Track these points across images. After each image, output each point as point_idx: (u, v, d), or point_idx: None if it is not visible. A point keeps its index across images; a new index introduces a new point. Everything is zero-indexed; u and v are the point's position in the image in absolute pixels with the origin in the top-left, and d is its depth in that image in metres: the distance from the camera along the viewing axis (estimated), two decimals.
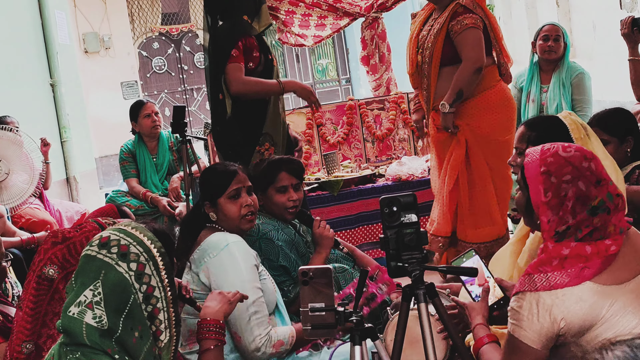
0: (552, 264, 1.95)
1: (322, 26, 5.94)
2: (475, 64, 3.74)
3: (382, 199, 2.01)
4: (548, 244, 1.98)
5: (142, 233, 1.78)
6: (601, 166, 1.98)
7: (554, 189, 1.95)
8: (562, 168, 1.95)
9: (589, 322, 1.92)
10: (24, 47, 7.15)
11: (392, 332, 2.33)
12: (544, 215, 1.97)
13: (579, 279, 1.92)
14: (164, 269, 1.77)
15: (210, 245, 2.65)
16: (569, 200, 1.94)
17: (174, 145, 5.43)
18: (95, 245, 1.74)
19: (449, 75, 3.86)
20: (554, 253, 1.96)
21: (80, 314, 1.67)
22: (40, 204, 5.00)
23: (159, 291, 1.74)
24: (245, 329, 2.52)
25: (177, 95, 14.00)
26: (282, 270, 3.11)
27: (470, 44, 3.76)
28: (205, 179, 2.91)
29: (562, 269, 1.94)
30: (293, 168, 3.27)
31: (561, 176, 1.94)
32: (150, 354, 1.71)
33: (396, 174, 4.98)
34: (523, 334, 1.96)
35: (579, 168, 1.94)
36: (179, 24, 14.05)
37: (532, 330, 1.95)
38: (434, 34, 3.84)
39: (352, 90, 14.53)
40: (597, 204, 1.93)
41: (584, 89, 4.71)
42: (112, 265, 1.71)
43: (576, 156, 1.96)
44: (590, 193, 1.93)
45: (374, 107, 5.61)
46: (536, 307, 1.94)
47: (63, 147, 7.61)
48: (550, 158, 1.97)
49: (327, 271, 1.95)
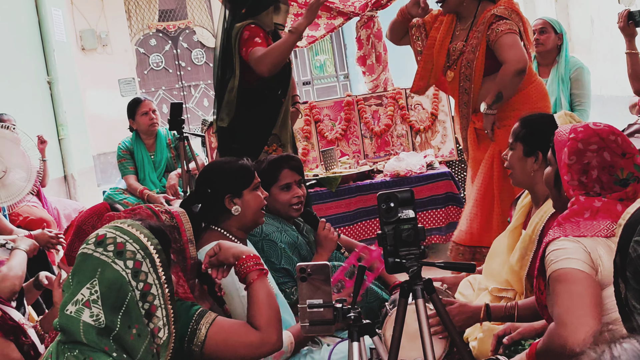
0: (584, 215, 1.98)
1: (316, 26, 5.91)
2: (516, 65, 3.65)
3: (380, 194, 2.00)
4: (579, 197, 2.01)
5: (139, 230, 1.77)
6: (629, 142, 2.04)
7: (578, 154, 2.02)
8: (589, 137, 2.03)
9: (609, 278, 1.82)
10: (20, 44, 7.13)
11: (390, 327, 2.32)
12: (566, 175, 2.04)
13: (608, 233, 1.93)
14: (161, 266, 1.76)
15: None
16: (593, 169, 2.01)
17: (171, 143, 5.43)
18: (91, 243, 1.73)
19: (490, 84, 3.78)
20: (586, 204, 1.99)
21: (77, 312, 1.66)
22: (38, 201, 4.99)
23: (156, 288, 1.74)
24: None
25: (175, 92, 13.98)
26: (284, 272, 3.10)
27: (510, 46, 3.68)
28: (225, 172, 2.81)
29: (593, 220, 1.96)
30: (294, 165, 3.27)
31: (588, 144, 2.02)
32: (148, 352, 1.70)
33: (394, 170, 4.97)
34: (572, 262, 1.90)
35: (605, 140, 2.02)
36: (176, 21, 14.02)
37: (578, 257, 1.91)
38: (472, 49, 3.78)
39: (350, 86, 14.51)
40: (626, 176, 1.99)
41: (582, 84, 4.70)
42: (108, 263, 1.70)
43: (605, 130, 2.04)
44: (616, 164, 1.99)
45: (371, 103, 5.60)
46: (576, 244, 1.93)
47: (60, 145, 7.60)
48: (581, 128, 2.06)
49: (325, 267, 1.95)
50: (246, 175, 2.79)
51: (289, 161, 3.26)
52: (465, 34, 3.84)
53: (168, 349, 1.76)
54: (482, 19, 3.76)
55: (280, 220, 3.22)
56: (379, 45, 5.93)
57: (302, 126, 5.48)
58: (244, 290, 2.53)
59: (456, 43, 3.88)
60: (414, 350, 2.26)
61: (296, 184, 3.24)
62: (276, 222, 3.18)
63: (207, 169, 2.94)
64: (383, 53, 5.95)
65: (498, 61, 3.73)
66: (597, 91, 4.61)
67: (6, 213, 4.56)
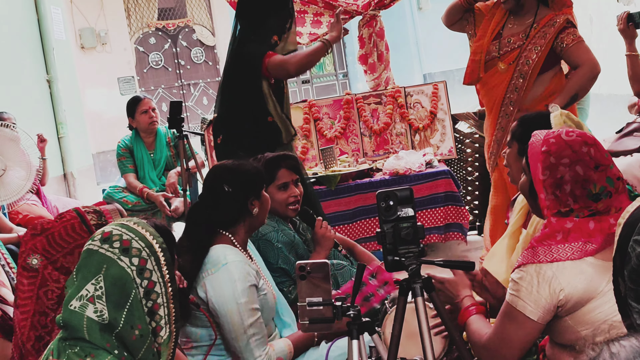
0: (556, 238, 1.99)
1: (318, 23, 5.91)
2: (594, 69, 3.74)
3: (379, 193, 2.01)
4: (551, 219, 2.02)
5: (144, 228, 1.78)
6: (603, 152, 2.02)
7: (551, 169, 2.00)
8: (562, 150, 2.00)
9: (587, 296, 1.95)
10: (20, 43, 7.13)
11: (390, 325, 2.33)
12: (541, 192, 2.03)
13: (581, 254, 1.96)
14: (165, 264, 1.77)
15: (209, 260, 2.60)
16: (566, 183, 1.99)
17: (171, 141, 5.43)
18: (97, 240, 1.74)
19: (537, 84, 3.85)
20: (557, 227, 2.00)
21: (81, 308, 1.67)
22: (38, 200, 5.00)
23: (159, 287, 1.74)
24: (245, 351, 2.51)
25: (174, 90, 13.98)
26: (282, 272, 3.10)
27: (587, 51, 3.79)
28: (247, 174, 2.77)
29: (565, 242, 1.98)
30: (291, 164, 3.25)
31: (560, 158, 2.00)
32: (150, 350, 1.71)
33: (393, 168, 4.97)
34: (521, 304, 1.99)
35: (578, 152, 1.99)
36: (175, 19, 14.02)
37: (532, 301, 1.98)
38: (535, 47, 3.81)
39: (350, 84, 14.52)
40: (598, 191, 1.98)
41: None
42: (114, 260, 1.70)
43: (577, 141, 2.00)
44: (589, 177, 1.98)
45: (371, 101, 5.60)
46: (536, 278, 1.97)
47: (60, 143, 7.60)
48: (553, 139, 2.03)
49: (325, 266, 1.95)
50: (263, 177, 2.80)
51: (286, 160, 3.23)
52: (522, 30, 3.89)
53: (169, 348, 1.76)
54: (546, 21, 3.82)
55: (277, 220, 3.21)
56: (381, 44, 5.93)
57: (302, 124, 5.48)
58: (242, 298, 2.54)
59: (511, 37, 3.92)
60: (413, 348, 2.27)
61: (293, 183, 3.22)
62: (272, 222, 3.16)
63: (223, 171, 2.80)
64: (385, 52, 5.95)
65: (549, 65, 3.82)
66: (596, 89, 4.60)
67: (6, 211, 4.56)
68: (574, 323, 2.02)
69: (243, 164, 2.82)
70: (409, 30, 13.86)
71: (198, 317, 2.62)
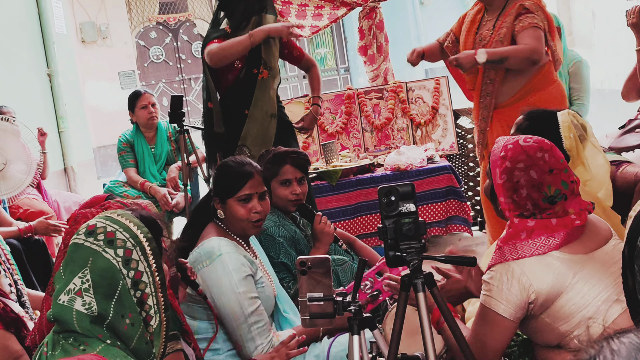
0: (521, 237, 2.06)
1: (319, 16, 5.90)
2: (533, 54, 3.68)
3: (380, 188, 2.00)
4: (514, 220, 2.10)
5: (128, 219, 1.79)
6: (558, 156, 2.11)
7: (507, 173, 2.10)
8: (517, 155, 2.10)
9: (556, 290, 2.01)
10: (20, 37, 7.12)
11: (391, 322, 2.32)
12: (501, 195, 2.12)
13: (546, 248, 2.04)
14: (152, 254, 1.78)
15: (204, 252, 2.62)
16: (522, 187, 2.08)
17: (172, 136, 5.42)
18: (82, 233, 1.75)
19: (514, 77, 3.83)
20: (520, 226, 2.07)
21: (70, 302, 1.69)
22: (38, 194, 4.99)
23: (147, 276, 1.75)
24: (247, 339, 2.51)
25: (175, 84, 13.97)
26: (283, 267, 3.10)
27: (532, 37, 3.72)
28: (218, 175, 2.78)
29: (529, 239, 2.05)
30: (298, 162, 3.24)
31: (515, 163, 2.09)
32: (142, 339, 1.72)
33: (395, 164, 4.97)
34: (494, 303, 2.05)
35: (532, 157, 2.08)
36: (176, 13, 13.99)
37: (503, 299, 2.04)
38: (501, 38, 3.82)
39: (351, 79, 14.50)
40: (553, 193, 2.07)
41: (581, 78, 4.69)
42: (99, 252, 1.72)
43: (533, 147, 2.11)
44: (544, 181, 2.06)
45: (372, 96, 5.59)
46: (506, 276, 2.03)
47: (60, 137, 7.59)
48: (511, 145, 2.13)
49: (325, 261, 1.95)
50: (232, 185, 2.70)
51: (293, 157, 3.23)
52: (493, 23, 3.90)
53: (161, 337, 1.77)
54: (510, 10, 3.81)
55: (278, 215, 3.21)
56: (381, 36, 5.94)
57: None
58: (240, 288, 2.54)
59: (482, 32, 3.94)
60: (414, 345, 2.26)
61: (297, 181, 3.22)
62: (274, 217, 3.17)
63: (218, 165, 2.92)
64: (384, 44, 5.95)
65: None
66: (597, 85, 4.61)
67: (6, 205, 4.55)
68: (551, 320, 2.07)
69: (228, 165, 2.79)
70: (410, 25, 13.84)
71: (197, 309, 2.62)
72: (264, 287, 2.68)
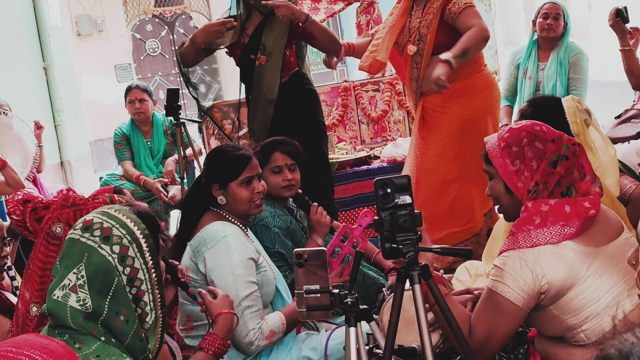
0: (535, 222, 2.04)
1: (316, 10, 5.89)
2: (485, 32, 3.73)
3: (376, 180, 2.00)
4: (527, 204, 2.08)
5: (125, 215, 1.77)
6: (552, 129, 2.15)
7: (518, 156, 2.11)
8: (517, 136, 2.13)
9: (569, 282, 1.99)
10: (16, 30, 7.09)
11: (387, 313, 2.33)
12: (518, 181, 2.11)
13: (560, 237, 2.01)
14: (148, 250, 1.76)
15: (208, 235, 2.63)
16: (530, 160, 2.09)
17: (168, 129, 5.41)
18: (78, 228, 1.74)
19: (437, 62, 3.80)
20: (533, 210, 2.05)
21: (64, 297, 1.67)
22: (34, 187, 4.98)
23: (143, 273, 1.74)
24: (240, 323, 2.52)
25: (171, 77, 13.94)
26: (279, 257, 3.11)
27: (475, 15, 3.78)
28: (215, 162, 2.81)
29: (543, 227, 2.03)
30: (287, 149, 3.27)
31: (519, 142, 2.11)
32: (137, 336, 1.71)
33: (391, 156, 4.97)
34: (505, 289, 2.03)
35: (532, 132, 2.12)
36: (172, 6, 13.95)
37: (515, 286, 2.02)
38: (427, 24, 3.86)
39: (347, 71, 14.48)
40: (556, 158, 2.08)
41: (580, 69, 4.71)
42: (95, 248, 1.70)
43: (528, 124, 2.16)
44: (547, 149, 2.09)
45: (368, 88, 5.58)
46: (519, 263, 2.01)
47: (57, 131, 7.58)
48: (506, 134, 2.15)
49: (322, 253, 1.95)
50: (235, 168, 2.75)
51: (282, 144, 3.28)
52: (421, 12, 3.94)
53: (156, 334, 1.76)
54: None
55: (274, 205, 3.23)
56: None
57: None
58: (239, 269, 2.55)
59: (412, 21, 3.99)
60: (411, 335, 2.27)
61: (287, 168, 3.25)
62: (269, 207, 3.18)
63: (208, 154, 2.97)
64: None
65: (450, 38, 3.80)
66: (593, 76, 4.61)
67: (2, 199, 4.55)
68: (559, 312, 2.04)
69: (222, 151, 2.88)
70: None
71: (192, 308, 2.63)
72: (266, 271, 2.69)
